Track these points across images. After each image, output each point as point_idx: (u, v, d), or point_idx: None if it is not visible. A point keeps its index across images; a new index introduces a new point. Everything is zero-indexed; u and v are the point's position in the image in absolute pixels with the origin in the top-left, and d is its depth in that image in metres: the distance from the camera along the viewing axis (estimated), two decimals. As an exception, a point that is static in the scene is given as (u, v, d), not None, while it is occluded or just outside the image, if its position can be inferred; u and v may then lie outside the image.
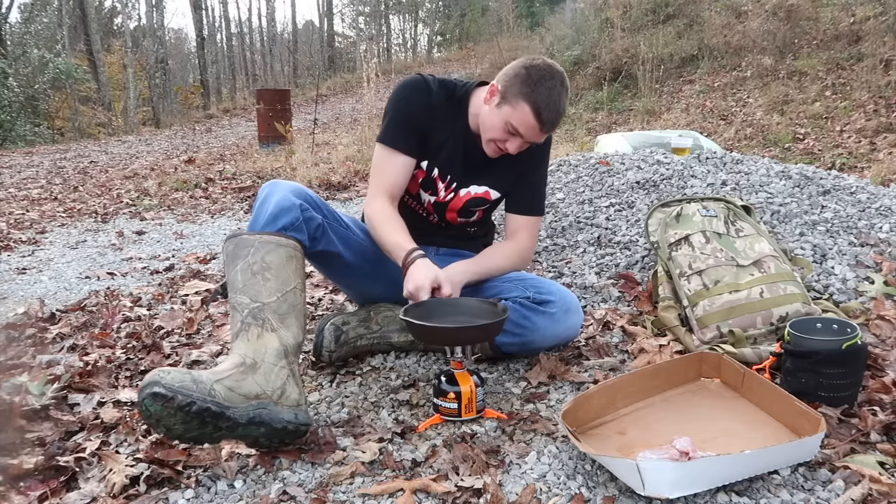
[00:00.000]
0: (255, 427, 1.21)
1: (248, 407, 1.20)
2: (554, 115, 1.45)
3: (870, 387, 1.39)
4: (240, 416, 1.18)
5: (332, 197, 4.64)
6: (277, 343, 1.29)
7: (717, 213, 1.85)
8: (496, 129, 1.51)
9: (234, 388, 1.19)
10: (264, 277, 1.33)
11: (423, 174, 1.67)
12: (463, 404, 1.36)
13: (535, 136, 1.50)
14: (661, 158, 2.95)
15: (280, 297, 1.33)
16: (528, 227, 1.71)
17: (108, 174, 6.83)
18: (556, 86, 1.45)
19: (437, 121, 1.61)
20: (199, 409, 1.13)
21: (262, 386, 1.23)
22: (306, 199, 1.49)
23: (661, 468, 1.07)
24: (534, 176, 1.70)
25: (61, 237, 3.78)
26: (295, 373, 1.31)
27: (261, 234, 1.38)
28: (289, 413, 1.25)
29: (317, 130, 8.19)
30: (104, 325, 2.11)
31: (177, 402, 1.11)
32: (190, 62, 33.03)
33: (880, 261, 1.97)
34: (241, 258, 1.35)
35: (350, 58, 27.79)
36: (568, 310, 1.59)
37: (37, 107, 14.75)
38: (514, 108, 1.46)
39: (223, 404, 1.17)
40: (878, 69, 7.68)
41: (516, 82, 1.46)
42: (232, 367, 1.23)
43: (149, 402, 1.11)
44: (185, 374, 1.16)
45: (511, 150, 1.53)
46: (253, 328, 1.29)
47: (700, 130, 7.73)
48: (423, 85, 1.61)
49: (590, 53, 11.30)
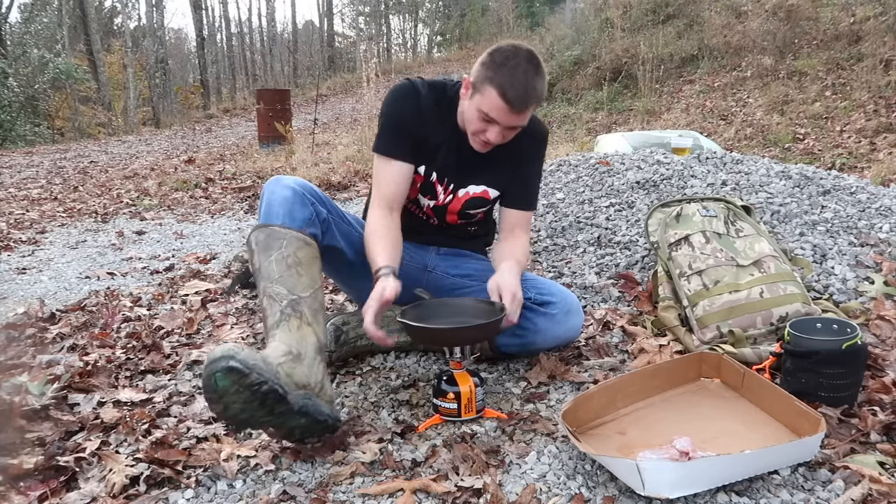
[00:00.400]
0: (299, 417, 1.21)
1: (300, 395, 1.20)
2: (520, 92, 1.41)
3: (870, 387, 1.39)
4: (293, 403, 1.18)
5: (333, 197, 4.65)
6: (314, 338, 1.31)
7: (717, 214, 1.85)
8: (473, 120, 1.50)
9: (291, 375, 1.20)
10: (298, 272, 1.34)
11: (421, 179, 1.67)
12: (462, 404, 1.36)
13: (509, 119, 1.45)
14: (661, 158, 2.95)
15: (312, 293, 1.35)
16: (524, 224, 1.71)
17: (108, 174, 6.83)
18: (519, 64, 1.42)
19: (429, 124, 1.61)
20: (268, 390, 1.13)
21: (308, 377, 1.24)
22: (311, 192, 1.50)
23: (661, 468, 1.07)
24: (529, 172, 1.70)
25: (61, 237, 3.78)
26: (327, 370, 1.33)
27: (290, 230, 1.39)
28: (327, 407, 1.26)
29: (317, 130, 8.19)
30: (104, 325, 2.11)
31: (250, 379, 1.10)
32: (190, 62, 33.03)
33: (880, 261, 1.97)
34: (274, 249, 1.36)
35: (350, 58, 27.79)
36: (569, 311, 1.59)
37: (37, 107, 14.75)
38: (483, 94, 1.45)
39: (285, 388, 1.17)
40: (878, 69, 7.68)
41: (482, 69, 1.45)
42: (282, 354, 1.22)
43: (220, 375, 1.09)
44: (256, 353, 1.15)
45: (492, 139, 1.50)
46: (293, 319, 1.29)
47: (700, 130, 7.73)
48: (412, 90, 1.60)
49: (590, 53, 11.30)
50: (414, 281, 1.71)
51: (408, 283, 1.68)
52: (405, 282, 1.66)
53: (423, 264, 1.76)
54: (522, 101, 1.43)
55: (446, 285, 1.73)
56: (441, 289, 1.73)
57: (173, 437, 1.35)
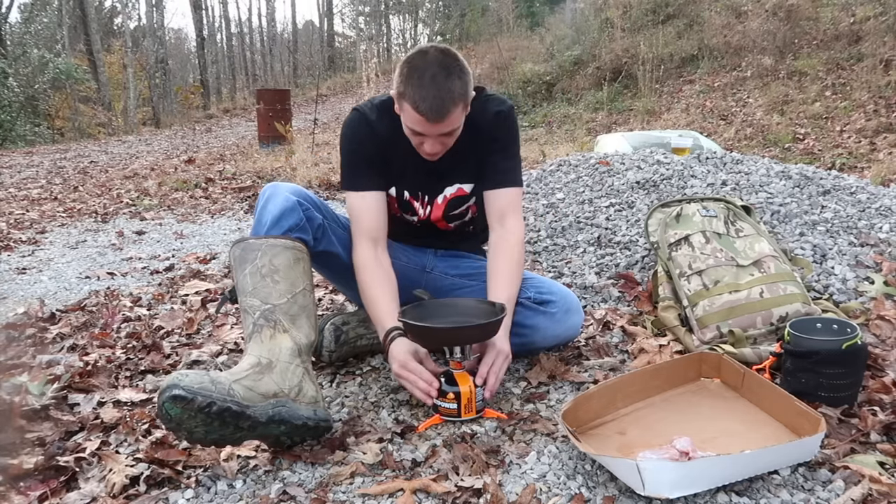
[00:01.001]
0: (275, 425, 1.22)
1: (268, 405, 1.21)
2: (432, 102, 1.36)
3: (870, 387, 1.39)
4: (260, 415, 1.19)
5: (332, 197, 4.64)
6: (291, 343, 1.30)
7: (716, 214, 1.85)
8: (409, 135, 1.50)
9: (252, 388, 1.20)
10: (273, 280, 1.34)
11: (394, 200, 1.66)
12: (462, 404, 1.36)
13: (433, 129, 1.41)
14: (661, 158, 2.95)
15: (290, 298, 1.34)
16: (513, 206, 1.61)
17: (108, 174, 6.83)
18: (427, 70, 1.36)
19: (388, 146, 1.58)
20: (220, 410, 1.14)
21: (279, 384, 1.24)
22: (306, 198, 1.49)
23: (661, 468, 1.07)
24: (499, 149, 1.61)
25: (61, 237, 3.78)
26: (310, 371, 1.32)
27: (267, 238, 1.38)
28: (307, 410, 1.26)
29: (317, 130, 8.18)
30: (104, 325, 2.11)
31: (197, 403, 1.11)
32: (190, 62, 33.03)
33: (880, 261, 1.97)
34: (248, 262, 1.36)
35: (350, 58, 27.79)
36: (569, 310, 1.59)
37: (37, 107, 14.75)
38: (403, 110, 1.43)
39: (243, 403, 1.17)
40: (878, 69, 7.68)
41: (397, 83, 1.42)
42: (248, 368, 1.23)
43: (168, 405, 1.11)
44: (203, 376, 1.16)
45: (430, 150, 1.47)
46: (265, 329, 1.30)
47: (700, 130, 7.73)
48: (362, 119, 1.58)
49: (590, 53, 11.30)
50: (413, 282, 1.71)
51: (407, 285, 1.68)
52: (404, 283, 1.66)
53: (421, 265, 1.76)
54: (438, 111, 1.37)
55: (446, 285, 1.73)
56: (440, 289, 1.72)
57: (173, 437, 1.35)
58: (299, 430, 1.25)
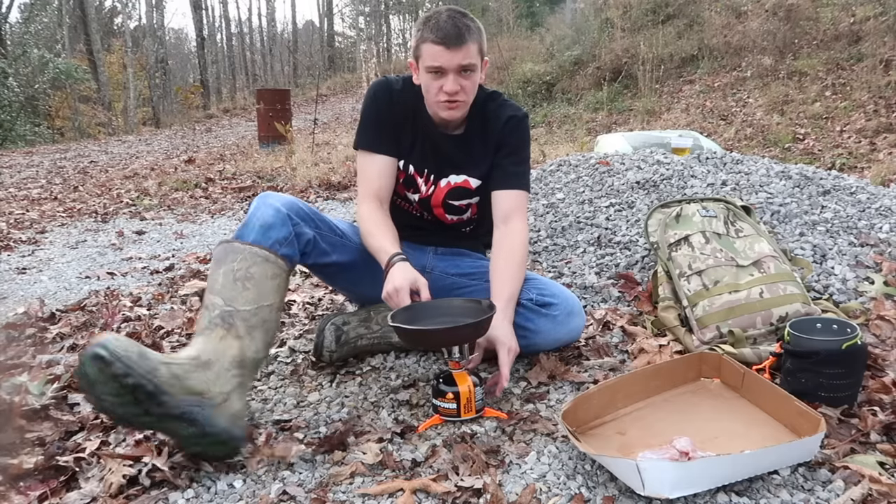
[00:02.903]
0: (185, 424, 1.17)
1: (185, 401, 1.17)
2: (449, 28, 1.45)
3: (870, 387, 1.39)
4: (173, 406, 1.15)
5: (332, 197, 4.65)
6: (237, 351, 1.27)
7: (716, 214, 1.85)
8: (427, 84, 1.53)
9: (180, 377, 1.17)
10: (244, 286, 1.33)
11: (402, 174, 1.69)
12: (462, 404, 1.36)
13: (451, 58, 1.47)
14: (661, 158, 2.95)
15: (254, 308, 1.32)
16: (518, 208, 1.63)
17: (108, 174, 6.83)
18: (441, 13, 1.48)
19: (403, 118, 1.63)
20: (135, 384, 1.10)
21: (209, 385, 1.20)
22: (298, 213, 1.49)
23: (661, 468, 1.07)
24: (510, 152, 1.65)
25: (61, 237, 3.78)
26: (245, 386, 1.28)
27: (252, 246, 1.38)
28: (224, 421, 1.21)
29: (317, 130, 8.18)
30: (104, 325, 2.11)
31: (113, 368, 1.08)
32: (190, 62, 33.04)
33: (880, 261, 1.97)
34: (225, 263, 1.35)
35: (350, 58, 27.80)
36: (570, 312, 1.59)
37: (37, 107, 14.76)
38: (422, 54, 1.50)
39: (161, 387, 1.13)
40: (878, 69, 7.68)
41: (415, 37, 1.52)
42: (186, 359, 1.21)
43: (87, 363, 1.09)
44: (135, 346, 1.13)
45: (449, 89, 1.49)
46: (219, 329, 1.28)
47: (700, 130, 7.73)
48: (386, 85, 1.64)
49: (590, 53, 11.30)
50: None
51: None
52: None
53: (420, 266, 1.75)
54: (456, 37, 1.45)
55: (446, 285, 1.73)
56: (441, 289, 1.72)
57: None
58: (207, 438, 1.20)
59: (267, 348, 1.35)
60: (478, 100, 1.62)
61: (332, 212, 4.18)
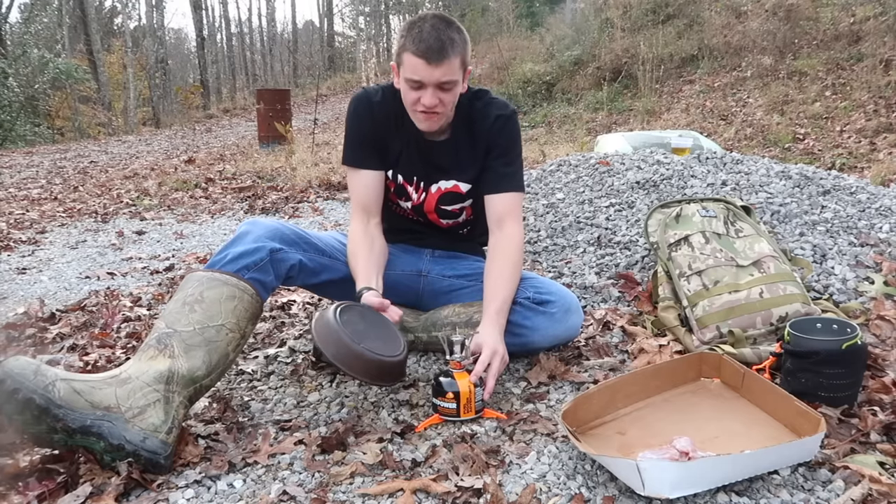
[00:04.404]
0: (93, 438, 1.16)
1: (89, 415, 1.16)
2: (431, 41, 1.40)
3: (870, 387, 1.39)
4: (72, 420, 1.14)
5: (333, 197, 4.65)
6: (165, 368, 1.26)
7: (716, 214, 1.85)
8: (405, 93, 1.50)
9: (82, 393, 1.17)
10: (191, 309, 1.34)
11: (392, 184, 1.68)
12: (461, 404, 1.36)
13: (432, 74, 1.42)
14: (661, 158, 2.95)
15: (197, 329, 1.32)
16: (512, 211, 1.61)
17: (108, 174, 6.83)
18: (426, 22, 1.43)
19: (386, 129, 1.62)
20: (24, 399, 1.11)
21: (119, 400, 1.19)
22: (282, 238, 1.50)
23: (661, 468, 1.07)
24: (501, 153, 1.62)
25: (61, 237, 3.78)
26: (170, 402, 1.24)
27: (214, 272, 1.40)
28: (136, 434, 1.18)
29: (317, 130, 8.19)
30: (104, 325, 2.11)
31: (5, 386, 1.11)
32: (190, 62, 33.05)
33: (880, 261, 1.97)
34: (182, 290, 1.38)
35: (350, 58, 27.79)
36: (568, 310, 1.59)
37: (37, 107, 14.76)
38: (403, 63, 1.46)
39: (54, 402, 1.13)
40: (878, 69, 7.68)
41: (398, 43, 1.48)
42: (101, 377, 1.22)
43: None
44: (31, 364, 1.15)
45: (427, 103, 1.46)
46: (151, 350, 1.29)
47: (700, 130, 7.73)
48: (365, 99, 1.62)
49: (590, 53, 11.31)
50: (409, 288, 1.74)
51: (403, 290, 1.71)
52: (400, 289, 1.69)
53: (416, 270, 1.76)
54: (438, 52, 1.41)
55: (443, 287, 1.73)
56: (438, 292, 1.73)
57: None
58: (116, 450, 1.17)
59: (208, 367, 1.32)
60: (463, 100, 1.59)
61: (333, 212, 4.18)
